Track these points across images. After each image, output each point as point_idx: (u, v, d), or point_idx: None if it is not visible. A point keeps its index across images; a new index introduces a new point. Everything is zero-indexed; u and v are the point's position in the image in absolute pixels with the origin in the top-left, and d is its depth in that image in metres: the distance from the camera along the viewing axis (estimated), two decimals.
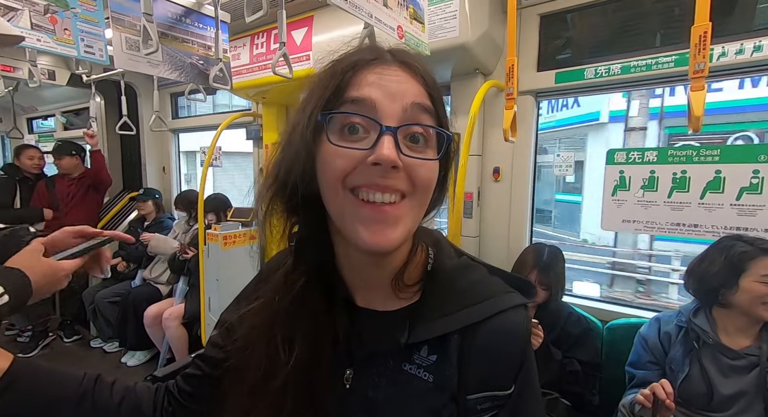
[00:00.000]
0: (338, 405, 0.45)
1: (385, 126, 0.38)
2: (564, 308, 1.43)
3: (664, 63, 1.36)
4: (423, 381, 0.44)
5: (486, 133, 1.81)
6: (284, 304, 0.47)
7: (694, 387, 1.13)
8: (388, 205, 0.39)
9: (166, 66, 1.59)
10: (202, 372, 0.55)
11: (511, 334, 0.44)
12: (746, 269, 1.09)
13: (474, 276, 0.48)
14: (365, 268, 0.46)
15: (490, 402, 0.43)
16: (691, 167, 1.34)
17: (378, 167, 0.37)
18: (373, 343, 0.46)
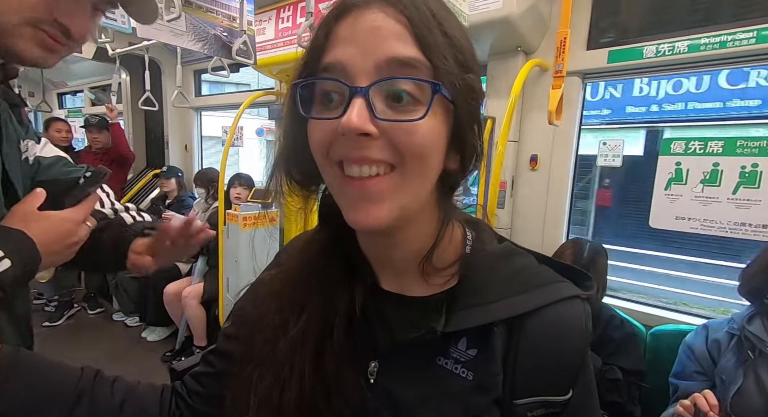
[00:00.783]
0: (360, 401, 0.39)
1: (353, 87, 0.32)
2: (605, 311, 1.32)
3: (742, 39, 1.19)
4: (461, 378, 0.38)
5: (524, 118, 1.67)
6: (301, 268, 0.43)
7: (749, 401, 1.02)
8: (368, 179, 0.33)
9: (190, 36, 1.52)
10: (214, 369, 0.49)
11: (568, 329, 0.38)
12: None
13: (521, 261, 0.41)
14: (383, 248, 0.41)
15: (544, 409, 0.38)
16: (764, 160, 1.18)
17: (348, 137, 0.32)
18: (401, 332, 0.39)
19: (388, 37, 0.32)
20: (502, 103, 1.51)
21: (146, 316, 2.79)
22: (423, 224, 0.39)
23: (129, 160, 3.12)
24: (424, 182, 0.35)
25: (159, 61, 3.14)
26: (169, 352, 2.59)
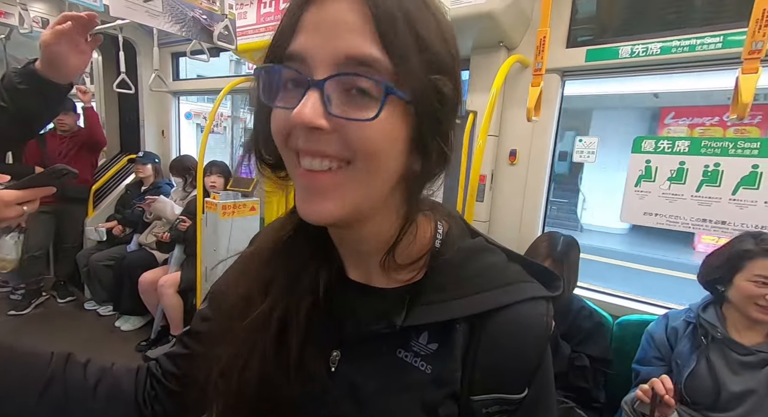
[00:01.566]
0: (321, 389, 0.39)
1: (311, 79, 0.31)
2: (576, 302, 1.37)
3: (710, 43, 1.24)
4: (420, 371, 0.38)
5: (504, 113, 1.70)
6: (270, 249, 0.43)
7: (701, 383, 1.10)
8: (320, 173, 0.33)
9: (166, 18, 1.47)
10: (188, 350, 0.49)
11: (529, 329, 0.38)
12: (743, 267, 1.08)
13: (490, 259, 0.41)
14: (344, 240, 0.41)
15: (498, 405, 0.38)
16: (725, 160, 1.25)
17: (300, 129, 0.32)
18: (364, 322, 0.40)
19: (349, 30, 0.30)
20: (483, 98, 1.53)
21: (120, 305, 2.72)
22: (385, 223, 0.39)
23: (100, 145, 2.99)
24: (378, 181, 0.34)
25: (134, 41, 3.01)
26: (144, 341, 2.54)
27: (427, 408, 0.37)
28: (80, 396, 0.44)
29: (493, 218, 1.77)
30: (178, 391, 0.48)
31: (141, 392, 0.48)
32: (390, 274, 0.40)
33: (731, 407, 1.07)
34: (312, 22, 0.32)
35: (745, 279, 1.06)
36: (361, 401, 0.39)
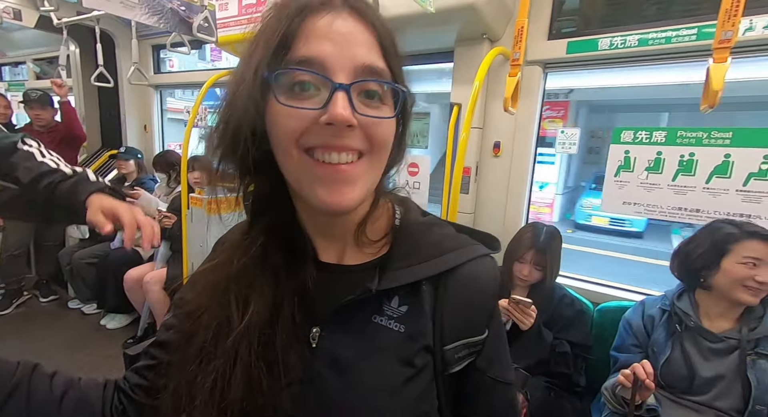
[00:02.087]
0: (303, 365, 0.42)
1: (337, 83, 0.35)
2: (558, 290, 1.41)
3: (685, 36, 1.27)
4: (394, 332, 0.43)
5: (488, 106, 1.71)
6: (241, 262, 0.44)
7: (676, 369, 1.14)
8: (345, 165, 0.37)
9: (143, 9, 1.44)
10: (156, 361, 0.49)
11: (481, 280, 0.45)
12: (729, 251, 1.11)
13: (442, 231, 0.48)
14: (326, 223, 0.46)
15: (467, 349, 0.45)
16: (699, 150, 1.29)
17: (332, 127, 0.35)
18: (339, 295, 0.43)
19: (362, 44, 0.37)
20: (467, 90, 1.54)
21: (105, 302, 2.68)
22: (365, 204, 0.44)
23: (80, 140, 2.91)
24: (381, 168, 0.41)
25: (112, 33, 2.93)
26: (130, 339, 2.51)
27: (404, 361, 0.42)
28: (44, 408, 0.44)
29: (478, 210, 1.79)
30: (145, 404, 0.48)
31: (108, 407, 0.48)
32: (362, 249, 0.45)
33: (703, 391, 1.11)
34: (322, 32, 0.36)
35: (735, 262, 1.08)
36: (343, 369, 0.42)
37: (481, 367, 0.46)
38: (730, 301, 1.11)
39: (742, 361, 1.07)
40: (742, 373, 1.06)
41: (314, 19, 0.36)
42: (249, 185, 0.45)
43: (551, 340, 1.27)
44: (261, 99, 0.37)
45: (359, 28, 0.37)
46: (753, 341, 1.08)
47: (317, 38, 0.36)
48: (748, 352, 1.07)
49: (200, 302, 0.44)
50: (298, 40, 0.36)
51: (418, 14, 1.26)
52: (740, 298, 1.08)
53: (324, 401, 0.41)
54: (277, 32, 0.36)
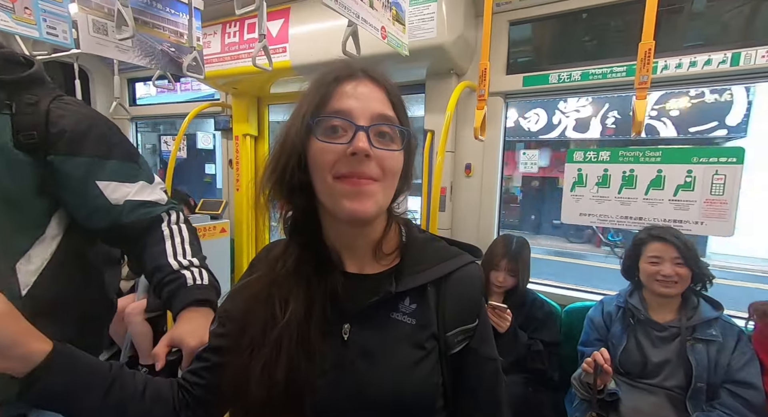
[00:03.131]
0: (337, 354, 0.53)
1: (358, 125, 0.49)
2: (529, 294, 1.57)
3: (617, 72, 1.52)
4: (408, 324, 0.55)
5: (459, 131, 1.90)
6: (282, 272, 0.56)
7: (631, 357, 1.31)
8: (364, 182, 0.50)
9: (137, 52, 1.53)
10: (209, 363, 0.59)
11: (472, 282, 0.59)
12: (641, 253, 1.33)
13: (438, 244, 0.62)
14: (351, 238, 0.57)
15: (463, 335, 0.57)
16: (637, 166, 1.51)
17: (355, 156, 0.49)
18: (364, 299, 0.54)
19: (377, 100, 0.52)
20: (439, 118, 1.72)
21: None
22: (380, 221, 0.58)
23: None
24: (392, 192, 0.55)
25: (87, 68, 2.96)
26: None
27: (417, 346, 0.55)
28: (134, 398, 0.54)
29: (454, 226, 1.95)
30: (203, 399, 0.58)
31: (176, 400, 0.58)
32: (379, 261, 0.58)
33: (655, 374, 1.28)
34: (349, 93, 0.51)
35: (644, 261, 1.32)
36: (370, 354, 0.53)
37: (474, 347, 0.58)
38: (655, 294, 1.30)
39: (682, 345, 1.25)
40: (683, 356, 1.24)
41: (344, 85, 0.52)
42: (288, 211, 0.58)
43: (526, 341, 1.42)
44: (305, 139, 0.51)
45: (375, 89, 0.53)
46: (691, 328, 1.26)
47: (347, 97, 0.51)
48: (687, 338, 1.25)
49: (247, 307, 0.55)
50: (333, 99, 0.51)
51: (393, 53, 1.43)
52: (657, 291, 1.28)
53: (358, 383, 0.52)
54: (318, 94, 0.51)
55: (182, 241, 0.88)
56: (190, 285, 0.81)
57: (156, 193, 0.89)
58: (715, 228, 1.40)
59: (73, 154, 0.78)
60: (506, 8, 1.72)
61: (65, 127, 0.77)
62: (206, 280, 0.85)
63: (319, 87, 0.52)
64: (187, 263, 0.85)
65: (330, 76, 0.52)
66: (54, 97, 0.81)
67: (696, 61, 1.42)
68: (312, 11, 1.81)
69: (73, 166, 0.78)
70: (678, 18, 1.53)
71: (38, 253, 0.77)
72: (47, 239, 0.79)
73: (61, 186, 0.79)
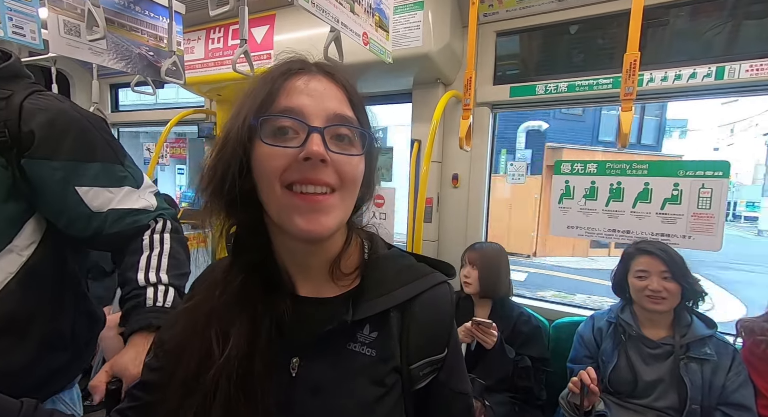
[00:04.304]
0: (284, 392, 0.45)
1: (312, 126, 0.42)
2: (515, 309, 1.52)
3: (603, 84, 1.51)
4: (366, 356, 0.47)
5: (446, 141, 1.87)
6: (221, 299, 0.47)
7: (622, 375, 1.26)
8: (320, 196, 0.43)
9: (111, 55, 1.47)
10: (140, 402, 0.51)
11: (442, 306, 0.51)
12: (630, 268, 1.30)
13: (405, 262, 0.54)
14: (303, 257, 0.49)
15: (430, 367, 0.50)
16: (625, 179, 1.49)
17: (309, 162, 0.42)
18: (317, 328, 0.47)
19: (334, 98, 0.45)
20: (425, 128, 1.69)
21: None
22: (339, 235, 0.50)
23: None
24: (352, 202, 0.47)
25: (68, 73, 2.88)
26: None
27: (376, 382, 0.47)
28: None
29: (441, 237, 1.91)
30: None
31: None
32: (336, 282, 0.50)
33: (646, 394, 1.23)
34: (300, 89, 0.44)
35: (633, 276, 1.28)
36: (322, 393, 0.46)
37: (442, 381, 0.51)
38: (645, 310, 1.27)
39: (676, 364, 1.21)
40: (677, 375, 1.20)
41: (294, 80, 0.44)
42: (231, 227, 0.49)
43: (513, 356, 1.37)
44: (248, 142, 0.44)
45: (331, 86, 0.46)
46: (684, 346, 1.22)
47: (297, 93, 0.44)
48: (681, 356, 1.21)
49: (181, 339, 0.47)
50: (281, 95, 0.44)
51: (378, 61, 1.41)
52: (646, 306, 1.25)
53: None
54: (263, 90, 0.44)
55: (160, 254, 0.80)
56: (148, 306, 0.74)
57: (144, 199, 0.82)
58: (703, 242, 1.38)
59: (49, 156, 0.70)
60: (493, 19, 1.71)
61: (40, 124, 0.69)
62: (169, 302, 0.76)
63: (265, 82, 0.45)
64: (155, 280, 0.77)
65: (277, 70, 0.45)
66: (31, 91, 0.73)
67: (681, 74, 1.41)
68: (298, 18, 1.78)
69: (49, 170, 0.70)
70: (664, 32, 1.53)
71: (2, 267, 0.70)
72: (14, 251, 0.71)
73: (36, 191, 0.71)
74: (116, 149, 0.81)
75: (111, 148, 0.79)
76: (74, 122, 0.74)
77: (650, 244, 1.29)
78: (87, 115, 0.78)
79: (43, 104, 0.72)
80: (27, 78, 0.79)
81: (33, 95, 0.73)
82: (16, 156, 0.69)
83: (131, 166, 0.83)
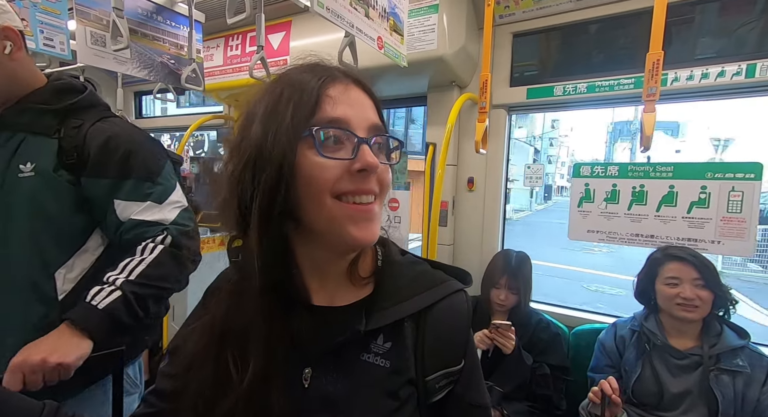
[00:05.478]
0: (296, 405, 0.44)
1: (361, 137, 0.43)
2: (534, 315, 1.49)
3: (625, 84, 1.46)
4: (380, 367, 0.46)
5: (461, 144, 1.86)
6: (237, 318, 0.45)
7: (646, 386, 1.21)
8: (369, 205, 0.44)
9: (135, 64, 1.52)
10: (155, 408, 0.51)
11: (458, 315, 0.50)
12: (657, 274, 1.23)
13: (419, 268, 0.53)
14: (326, 265, 0.49)
15: (446, 379, 0.49)
16: (648, 182, 1.44)
17: (362, 173, 0.42)
18: (330, 337, 0.46)
19: (369, 108, 0.46)
20: (440, 131, 1.68)
21: None
22: None
23: None
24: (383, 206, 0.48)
25: (95, 81, 3.00)
26: None
27: (390, 394, 0.46)
28: None
29: (456, 241, 1.88)
30: None
31: None
32: (353, 287, 0.50)
33: (673, 407, 1.18)
34: (342, 98, 0.44)
35: (661, 283, 1.22)
36: (334, 406, 0.45)
37: (459, 394, 0.50)
38: (675, 319, 1.20)
39: (705, 376, 1.15)
40: (706, 387, 1.14)
41: (332, 87, 0.44)
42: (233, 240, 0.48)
43: (531, 363, 1.33)
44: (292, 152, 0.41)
45: (364, 95, 0.47)
46: (714, 357, 1.16)
47: (340, 103, 0.43)
48: (710, 368, 1.15)
49: (195, 359, 0.46)
50: (325, 105, 0.43)
51: (393, 65, 1.40)
52: (678, 315, 1.18)
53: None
54: (302, 97, 0.42)
55: (140, 263, 0.83)
56: (84, 302, 0.78)
57: (161, 213, 0.89)
58: (734, 248, 1.31)
59: (97, 176, 0.85)
60: (509, 20, 1.69)
61: (96, 147, 0.85)
62: (104, 304, 0.76)
63: (303, 89, 0.43)
64: (111, 281, 0.80)
65: (310, 77, 0.44)
66: (99, 118, 0.89)
67: (708, 72, 1.36)
68: (313, 24, 1.80)
69: (98, 188, 0.86)
70: (689, 30, 1.47)
71: (79, 264, 0.87)
72: (89, 251, 0.89)
73: (92, 205, 0.87)
74: (151, 167, 0.91)
75: (146, 166, 0.90)
76: (121, 145, 0.87)
77: (680, 249, 1.23)
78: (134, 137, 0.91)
79: (101, 130, 0.87)
80: (100, 106, 0.94)
81: (99, 122, 0.88)
82: (79, 175, 0.85)
83: (163, 182, 0.92)
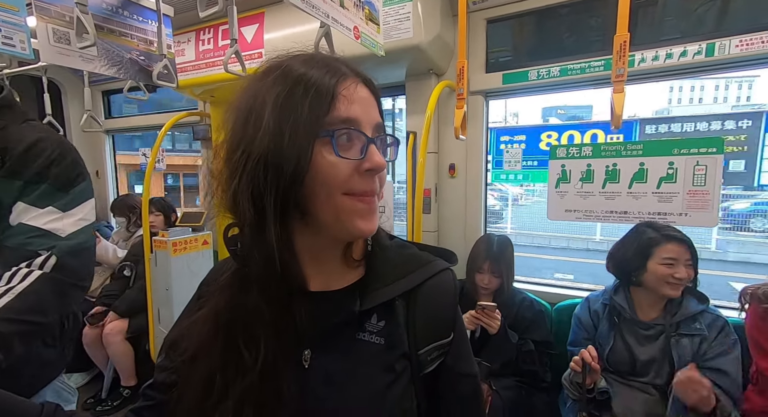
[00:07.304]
0: (297, 385, 0.46)
1: (370, 137, 0.45)
2: (517, 294, 1.54)
3: (595, 66, 1.51)
4: (375, 344, 0.49)
5: (441, 131, 1.88)
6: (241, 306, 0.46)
7: (619, 357, 1.29)
8: (372, 198, 0.47)
9: (103, 61, 1.47)
10: (154, 401, 0.52)
11: (445, 292, 0.53)
12: (652, 254, 1.26)
13: (407, 251, 0.56)
14: (324, 252, 0.51)
15: (437, 351, 0.52)
16: (620, 160, 1.50)
17: (369, 173, 0.45)
18: (327, 319, 0.49)
19: (374, 107, 0.48)
20: (420, 119, 1.70)
21: None
22: None
23: None
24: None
25: (59, 81, 2.87)
26: (91, 398, 2.34)
27: (386, 369, 0.49)
28: None
29: (440, 228, 1.92)
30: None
31: None
32: (347, 270, 0.52)
33: (645, 373, 1.26)
34: (352, 97, 0.45)
35: (657, 263, 1.25)
36: (334, 383, 0.48)
37: (450, 365, 0.53)
38: (657, 295, 1.27)
39: (666, 342, 1.23)
40: (668, 352, 1.22)
41: (341, 87, 0.44)
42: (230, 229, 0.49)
43: (517, 341, 1.39)
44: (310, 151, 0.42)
45: (370, 94, 0.48)
46: (675, 324, 1.24)
47: (351, 102, 0.44)
48: (671, 334, 1.24)
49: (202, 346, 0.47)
50: (340, 103, 0.43)
51: (370, 55, 1.41)
52: (665, 293, 1.24)
53: (320, 413, 0.47)
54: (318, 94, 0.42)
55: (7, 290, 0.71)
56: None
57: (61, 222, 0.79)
58: (699, 219, 1.39)
59: (12, 177, 0.79)
60: (483, 6, 1.71)
61: (18, 150, 0.80)
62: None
63: (318, 86, 0.42)
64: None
65: (320, 73, 0.44)
66: (23, 121, 0.85)
67: (672, 52, 1.42)
68: (288, 15, 1.78)
69: (9, 189, 0.79)
70: (654, 11, 1.53)
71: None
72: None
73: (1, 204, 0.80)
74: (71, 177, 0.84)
75: (65, 175, 0.83)
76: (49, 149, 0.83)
77: (676, 230, 1.27)
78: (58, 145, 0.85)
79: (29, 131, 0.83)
80: (18, 106, 0.89)
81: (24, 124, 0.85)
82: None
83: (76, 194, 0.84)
